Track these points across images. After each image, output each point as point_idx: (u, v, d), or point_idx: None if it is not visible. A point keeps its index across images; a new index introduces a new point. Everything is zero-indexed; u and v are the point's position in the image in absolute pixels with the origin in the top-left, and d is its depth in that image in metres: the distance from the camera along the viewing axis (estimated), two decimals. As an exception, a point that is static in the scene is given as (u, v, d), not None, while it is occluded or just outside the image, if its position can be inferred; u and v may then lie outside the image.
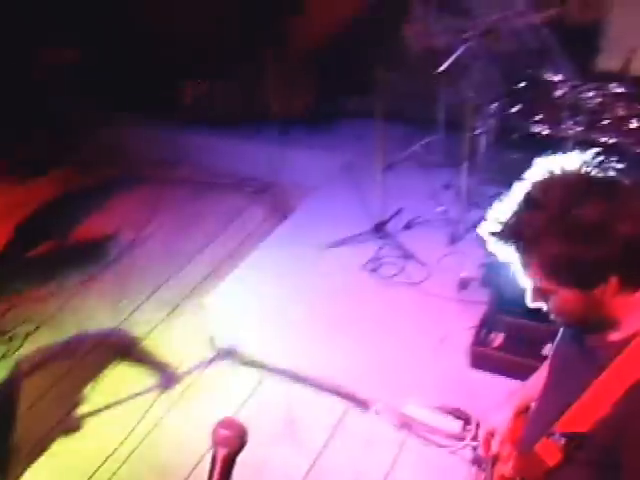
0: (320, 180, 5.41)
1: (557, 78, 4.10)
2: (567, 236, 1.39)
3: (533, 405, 2.02)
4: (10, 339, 4.41)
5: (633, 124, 3.96)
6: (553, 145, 4.03)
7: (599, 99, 3.98)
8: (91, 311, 4.64)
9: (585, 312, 1.54)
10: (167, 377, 4.07)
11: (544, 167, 1.50)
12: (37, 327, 4.53)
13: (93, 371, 4.19)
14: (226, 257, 5.01)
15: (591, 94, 4.00)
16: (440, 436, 3.44)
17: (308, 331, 3.95)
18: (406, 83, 5.14)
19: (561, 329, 1.84)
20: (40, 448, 3.74)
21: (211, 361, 4.16)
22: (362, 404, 3.73)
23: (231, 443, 1.21)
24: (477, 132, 4.24)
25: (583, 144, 4.04)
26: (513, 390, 2.20)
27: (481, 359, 3.60)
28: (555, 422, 1.68)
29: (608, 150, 4.02)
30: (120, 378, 4.14)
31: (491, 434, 2.10)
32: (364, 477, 3.37)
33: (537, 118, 4.03)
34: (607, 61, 4.52)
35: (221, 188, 5.80)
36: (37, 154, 6.33)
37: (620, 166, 1.46)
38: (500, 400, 2.18)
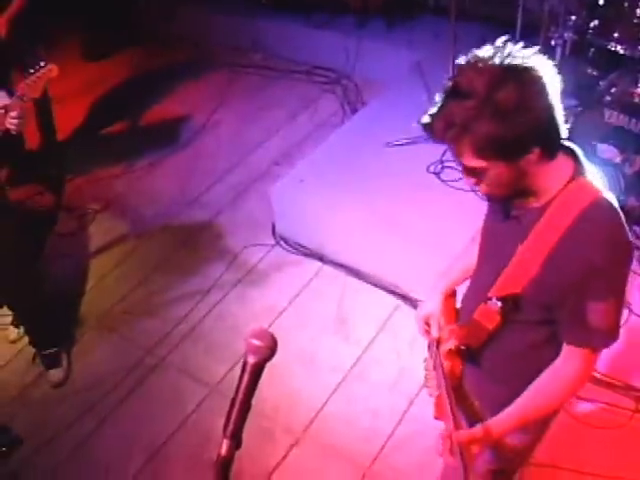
0: (393, 76, 5.30)
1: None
2: (493, 118, 1.54)
3: (468, 282, 2.15)
4: (80, 217, 4.60)
5: None
6: (629, 64, 3.89)
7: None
8: (159, 193, 4.80)
9: (513, 183, 1.69)
10: (228, 261, 4.22)
11: (464, 60, 1.64)
12: (105, 206, 4.72)
13: (157, 253, 4.38)
14: (294, 147, 5.06)
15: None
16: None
17: (368, 229, 3.99)
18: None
19: (487, 208, 1.99)
20: (103, 323, 3.98)
21: (272, 248, 4.29)
22: (413, 303, 3.82)
23: (261, 352, 1.30)
24: (553, 42, 4.10)
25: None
26: (439, 275, 2.28)
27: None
28: (490, 289, 1.87)
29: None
30: (183, 261, 4.33)
31: (427, 321, 2.24)
32: (408, 373, 3.49)
33: (615, 36, 3.86)
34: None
35: (294, 77, 5.77)
36: (110, 36, 6.38)
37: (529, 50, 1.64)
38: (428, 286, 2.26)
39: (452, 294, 2.26)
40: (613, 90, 3.87)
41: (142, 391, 3.61)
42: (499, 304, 1.86)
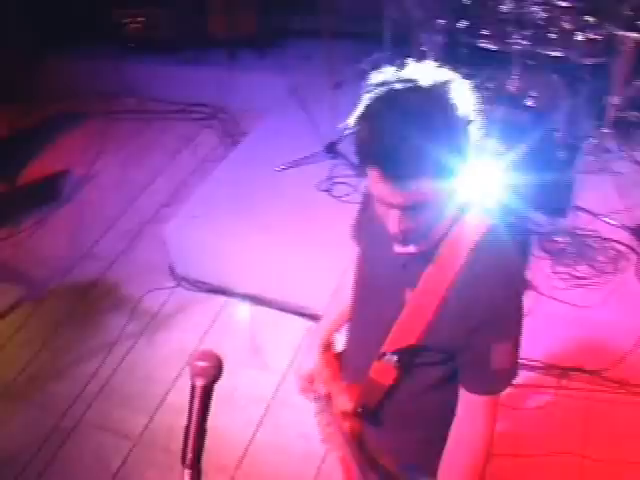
0: (270, 103, 5.34)
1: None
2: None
3: (347, 334, 2.02)
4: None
5: (579, 37, 3.98)
6: (500, 60, 4.06)
7: (545, 13, 3.97)
8: (49, 250, 4.62)
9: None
10: (130, 310, 4.10)
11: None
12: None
13: (57, 313, 4.21)
14: (180, 186, 4.99)
15: (536, 8, 3.99)
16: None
17: (268, 255, 3.98)
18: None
19: (360, 254, 1.90)
20: (10, 393, 3.78)
21: (173, 290, 4.20)
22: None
23: (208, 373, 1.27)
24: (423, 48, 4.23)
25: (529, 58, 4.08)
26: (311, 331, 2.23)
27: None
28: (382, 343, 1.72)
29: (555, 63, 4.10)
30: (84, 317, 4.17)
31: (309, 379, 2.12)
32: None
33: (484, 34, 4.03)
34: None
35: (170, 117, 5.71)
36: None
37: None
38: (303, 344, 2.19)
39: (330, 345, 2.13)
40: (490, 85, 4.03)
41: (62, 458, 3.41)
42: (395, 358, 1.71)
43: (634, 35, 3.86)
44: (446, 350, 1.68)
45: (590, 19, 3.91)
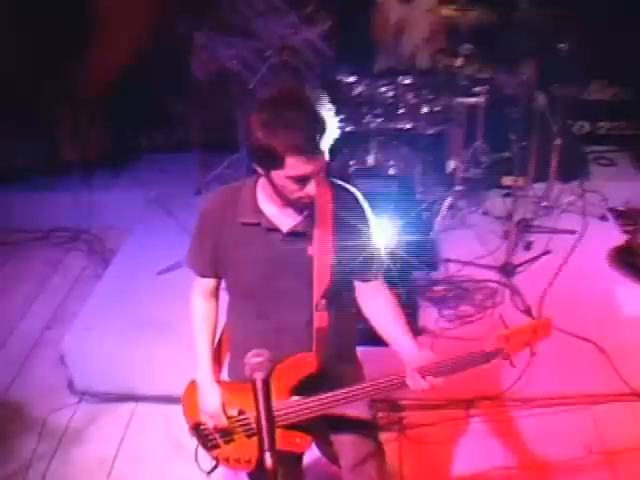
0: (133, 218, 5.49)
1: (351, 79, 4.58)
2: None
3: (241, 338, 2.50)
4: None
5: (424, 109, 4.54)
6: (358, 139, 4.52)
7: (392, 92, 4.51)
8: None
9: None
10: (38, 434, 3.99)
11: None
12: None
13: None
14: (59, 307, 4.96)
15: (384, 88, 4.52)
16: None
17: (168, 353, 4.05)
18: (203, 110, 5.43)
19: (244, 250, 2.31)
20: None
21: (78, 405, 4.14)
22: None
23: (265, 366, 1.43)
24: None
25: (383, 134, 4.57)
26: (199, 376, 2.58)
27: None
28: (308, 300, 2.26)
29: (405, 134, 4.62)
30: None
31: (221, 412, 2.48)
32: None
33: (340, 117, 4.46)
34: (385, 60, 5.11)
35: (33, 245, 5.67)
36: None
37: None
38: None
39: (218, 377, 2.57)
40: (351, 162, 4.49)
41: None
42: (324, 302, 2.24)
43: (466, 100, 4.46)
44: (345, 270, 2.28)
45: (429, 93, 4.49)
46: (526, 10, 4.14)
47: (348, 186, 2.36)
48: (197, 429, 2.61)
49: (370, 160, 4.54)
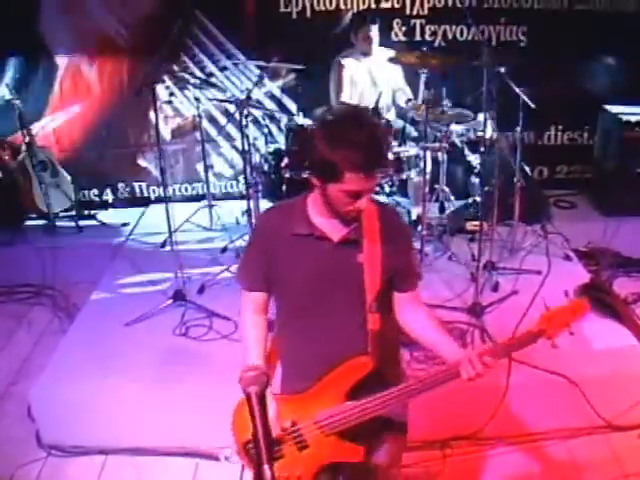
0: (97, 271, 5.44)
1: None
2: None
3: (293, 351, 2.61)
4: None
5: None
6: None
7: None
8: None
9: None
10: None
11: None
12: None
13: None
14: (24, 363, 4.84)
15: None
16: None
17: (140, 404, 3.99)
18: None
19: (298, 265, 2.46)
20: None
21: (45, 460, 4.02)
22: (210, 456, 3.83)
23: (260, 379, 1.42)
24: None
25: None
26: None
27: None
28: (361, 305, 2.42)
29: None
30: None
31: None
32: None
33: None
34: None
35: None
36: None
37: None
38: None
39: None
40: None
41: None
42: (375, 304, 2.40)
43: (429, 146, 4.57)
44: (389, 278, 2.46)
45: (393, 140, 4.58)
46: (487, 58, 4.25)
47: (389, 203, 2.61)
48: (247, 447, 2.54)
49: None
